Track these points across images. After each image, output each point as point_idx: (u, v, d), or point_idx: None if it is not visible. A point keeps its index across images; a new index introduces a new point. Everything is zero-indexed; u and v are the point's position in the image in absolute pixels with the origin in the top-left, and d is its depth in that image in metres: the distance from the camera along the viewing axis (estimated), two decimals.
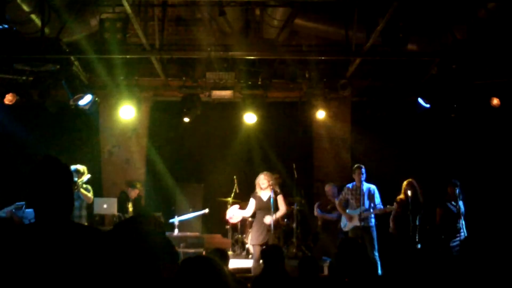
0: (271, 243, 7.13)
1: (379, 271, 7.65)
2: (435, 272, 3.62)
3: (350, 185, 8.33)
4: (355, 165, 8.32)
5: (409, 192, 7.90)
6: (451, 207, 8.10)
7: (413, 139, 9.71)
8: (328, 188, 8.96)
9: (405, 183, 8.15)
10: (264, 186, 7.56)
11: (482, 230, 8.21)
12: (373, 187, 8.25)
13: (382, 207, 8.15)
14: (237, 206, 8.35)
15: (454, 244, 7.93)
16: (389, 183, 8.54)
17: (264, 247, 6.93)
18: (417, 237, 7.77)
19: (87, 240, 2.11)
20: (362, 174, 8.16)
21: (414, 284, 3.56)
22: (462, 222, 8.04)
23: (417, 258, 4.12)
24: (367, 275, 3.81)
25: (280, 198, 7.58)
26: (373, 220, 8.16)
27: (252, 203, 7.71)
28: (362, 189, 8.18)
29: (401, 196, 8.11)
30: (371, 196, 8.18)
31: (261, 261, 5.25)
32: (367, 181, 8.27)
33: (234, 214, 8.34)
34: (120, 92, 8.89)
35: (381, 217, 8.36)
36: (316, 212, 8.92)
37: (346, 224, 8.26)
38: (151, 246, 2.23)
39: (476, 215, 8.35)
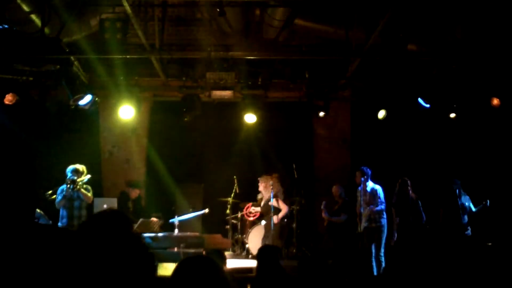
0: (271, 243, 7.12)
1: (381, 272, 7.67)
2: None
3: (360, 187, 8.40)
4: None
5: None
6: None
7: (414, 139, 9.70)
8: (335, 189, 8.98)
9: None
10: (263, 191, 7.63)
11: (482, 229, 8.25)
12: (376, 187, 8.27)
13: (372, 207, 8.16)
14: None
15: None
16: (389, 183, 8.54)
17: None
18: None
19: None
20: (361, 176, 8.26)
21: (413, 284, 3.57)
22: (466, 219, 8.20)
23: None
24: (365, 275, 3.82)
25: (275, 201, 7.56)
26: (382, 220, 8.15)
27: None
28: (366, 190, 8.22)
29: None
30: (371, 197, 8.19)
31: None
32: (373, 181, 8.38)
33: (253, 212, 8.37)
34: (120, 92, 8.89)
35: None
36: (324, 213, 8.90)
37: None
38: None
39: (476, 215, 8.37)
